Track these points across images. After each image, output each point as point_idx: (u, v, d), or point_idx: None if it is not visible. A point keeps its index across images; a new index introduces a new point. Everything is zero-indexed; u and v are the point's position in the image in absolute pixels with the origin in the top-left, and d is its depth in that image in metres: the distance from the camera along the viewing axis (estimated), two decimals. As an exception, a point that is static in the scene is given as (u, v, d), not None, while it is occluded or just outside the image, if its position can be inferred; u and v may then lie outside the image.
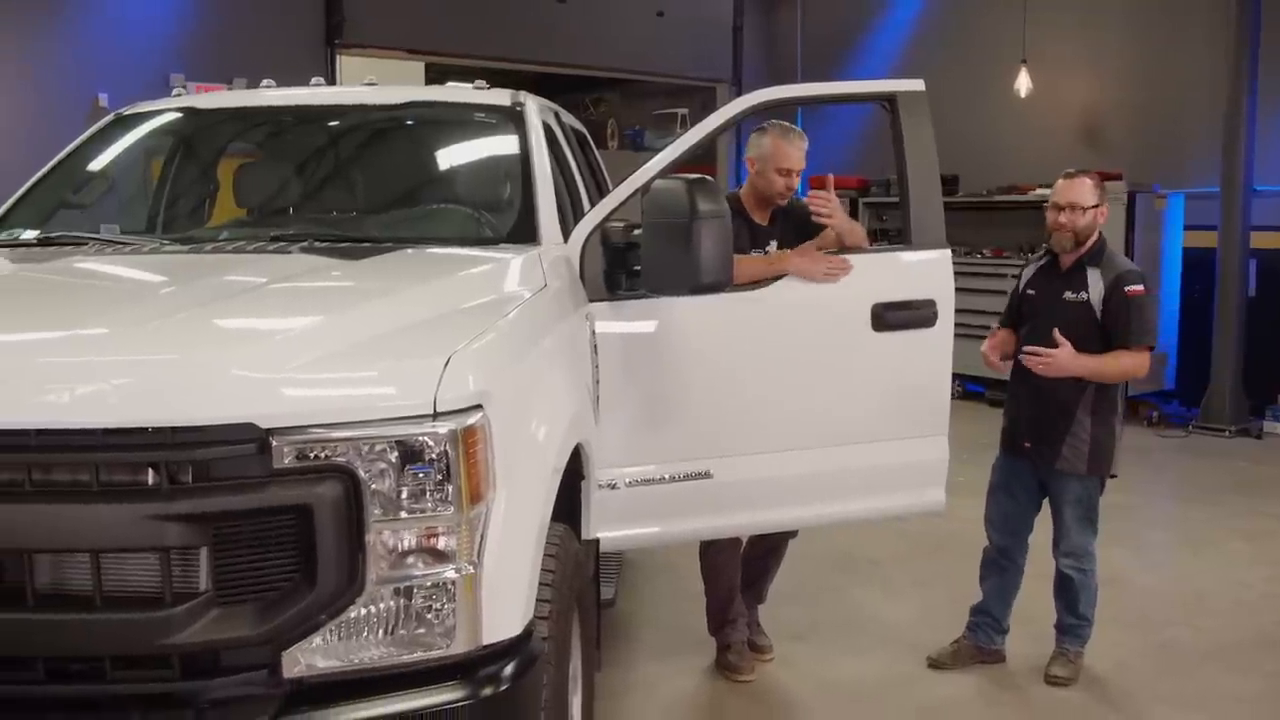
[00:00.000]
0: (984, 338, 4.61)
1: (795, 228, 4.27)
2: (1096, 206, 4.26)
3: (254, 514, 2.14)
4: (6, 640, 2.14)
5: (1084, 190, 4.26)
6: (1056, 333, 4.14)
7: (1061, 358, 4.10)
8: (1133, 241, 9.36)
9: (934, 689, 4.42)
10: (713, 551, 4.46)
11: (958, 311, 4.12)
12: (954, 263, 3.88)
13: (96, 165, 4.27)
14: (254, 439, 2.13)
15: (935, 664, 4.57)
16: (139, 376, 2.20)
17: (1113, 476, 4.40)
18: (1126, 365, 4.18)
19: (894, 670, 4.56)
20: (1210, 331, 9.38)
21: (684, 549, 4.78)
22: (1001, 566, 4.52)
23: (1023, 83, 10.50)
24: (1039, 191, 9.50)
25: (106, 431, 2.12)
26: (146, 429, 2.12)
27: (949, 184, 10.95)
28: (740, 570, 4.54)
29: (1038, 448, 4.33)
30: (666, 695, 4.36)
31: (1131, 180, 9.50)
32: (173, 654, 2.15)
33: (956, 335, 3.92)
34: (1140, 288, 4.20)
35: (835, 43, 12.79)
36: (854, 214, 11.60)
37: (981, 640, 4.58)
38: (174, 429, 2.12)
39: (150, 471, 2.13)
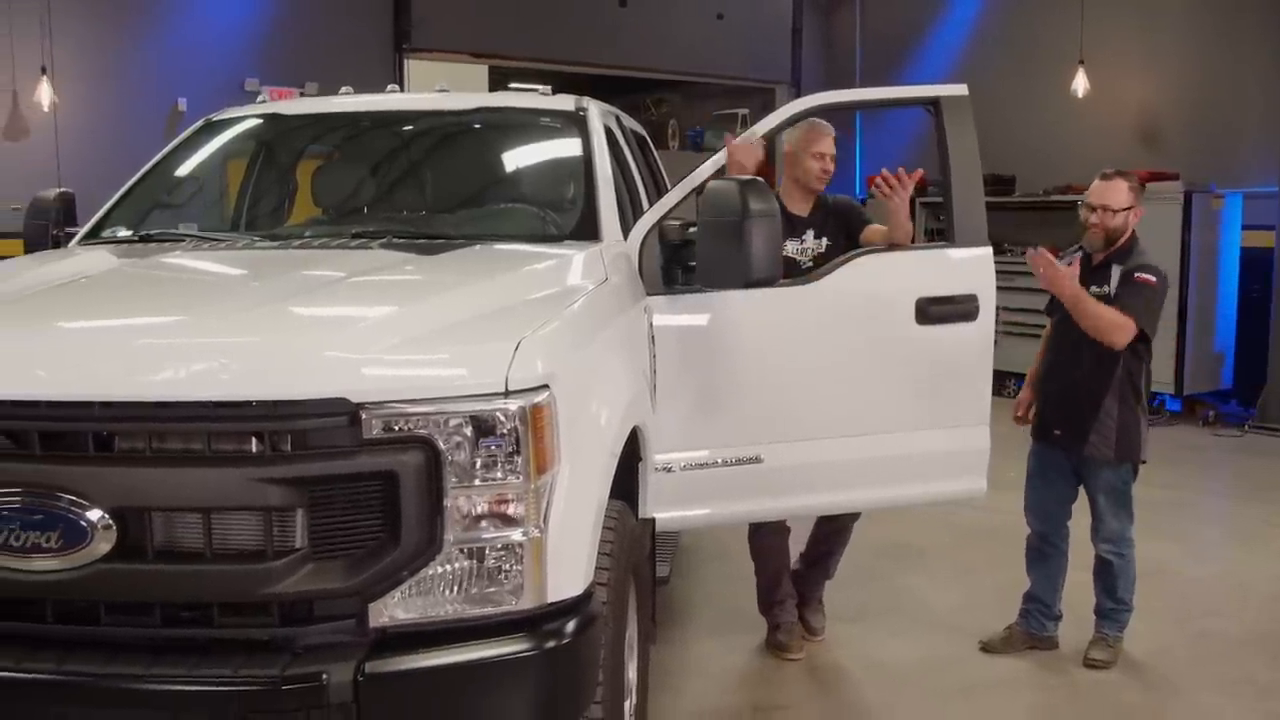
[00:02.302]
0: (1039, 336, 4.82)
1: (840, 223, 4.49)
2: (1129, 209, 4.40)
3: (345, 479, 2.40)
4: (130, 588, 2.42)
5: (1117, 193, 4.41)
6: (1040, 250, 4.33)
7: (1060, 272, 4.24)
8: (1189, 241, 9.39)
9: (977, 670, 4.58)
10: (760, 535, 4.67)
11: (1014, 310, 4.30)
12: (1011, 262, 4.08)
13: (187, 167, 4.54)
14: (346, 412, 2.38)
15: (987, 648, 4.73)
16: (244, 356, 2.47)
17: (1142, 462, 4.54)
18: (1108, 318, 4.25)
19: (939, 652, 4.73)
20: (1268, 331, 9.38)
21: (737, 534, 4.98)
22: (1045, 554, 4.68)
23: (1079, 83, 10.55)
24: (1094, 191, 9.55)
25: (216, 404, 2.39)
26: (251, 402, 2.39)
27: (1006, 184, 11.04)
28: (788, 553, 4.74)
29: (1067, 435, 4.50)
30: (718, 670, 4.59)
31: (1188, 180, 9.53)
32: (272, 603, 2.42)
33: (1012, 334, 4.08)
34: (1150, 278, 4.32)
35: (894, 44, 12.90)
36: (911, 213, 11.72)
37: (1033, 627, 4.73)
38: (275, 402, 2.39)
39: (254, 440, 2.41)
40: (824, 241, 4.51)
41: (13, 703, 2.44)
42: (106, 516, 2.35)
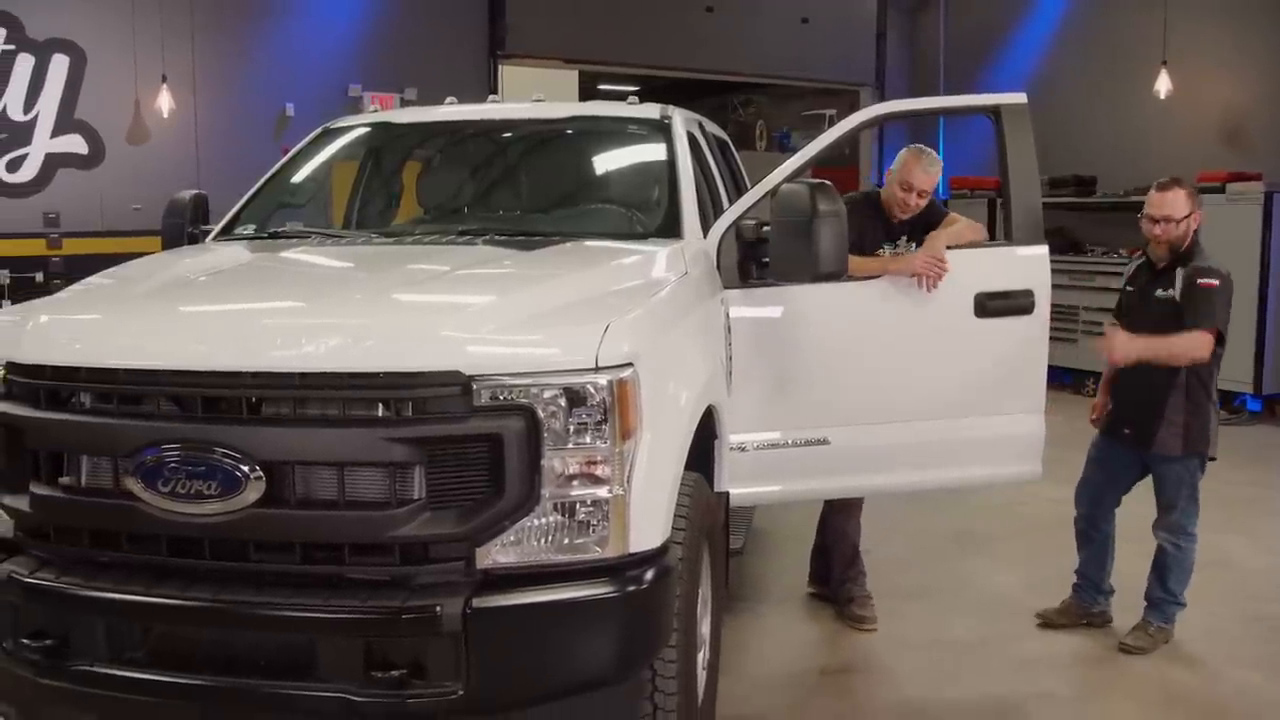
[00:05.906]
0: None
1: (927, 224, 4.73)
2: (1189, 215, 4.52)
3: (457, 440, 2.79)
4: (275, 530, 2.84)
5: (1177, 203, 4.51)
6: (1106, 323, 4.49)
7: (1115, 341, 4.42)
8: (1270, 242, 9.41)
9: (1034, 646, 4.84)
10: (833, 514, 4.99)
11: (1094, 310, 4.49)
12: (1091, 262, 4.36)
13: (307, 170, 4.95)
14: (459, 383, 2.78)
15: (1044, 621, 5.00)
16: (373, 334, 2.89)
17: (1211, 459, 4.69)
18: (1184, 345, 4.39)
19: (998, 629, 5.00)
20: (1351, 332, 9.39)
21: (811, 516, 5.30)
22: (1089, 536, 4.94)
23: (1162, 84, 10.62)
24: (1176, 192, 9.61)
25: (350, 375, 2.81)
26: (379, 373, 2.81)
27: (1087, 184, 11.13)
28: (861, 531, 5.05)
29: (1137, 432, 4.69)
30: (787, 637, 4.93)
31: (1270, 180, 9.57)
32: (394, 545, 2.81)
33: (1093, 333, 4.30)
34: (1214, 281, 4.44)
35: (978, 45, 13.04)
36: (992, 214, 11.87)
37: (1085, 600, 4.98)
38: (400, 374, 2.80)
39: (381, 406, 2.82)
40: (913, 246, 4.77)
41: (176, 625, 2.91)
42: (257, 469, 2.78)
